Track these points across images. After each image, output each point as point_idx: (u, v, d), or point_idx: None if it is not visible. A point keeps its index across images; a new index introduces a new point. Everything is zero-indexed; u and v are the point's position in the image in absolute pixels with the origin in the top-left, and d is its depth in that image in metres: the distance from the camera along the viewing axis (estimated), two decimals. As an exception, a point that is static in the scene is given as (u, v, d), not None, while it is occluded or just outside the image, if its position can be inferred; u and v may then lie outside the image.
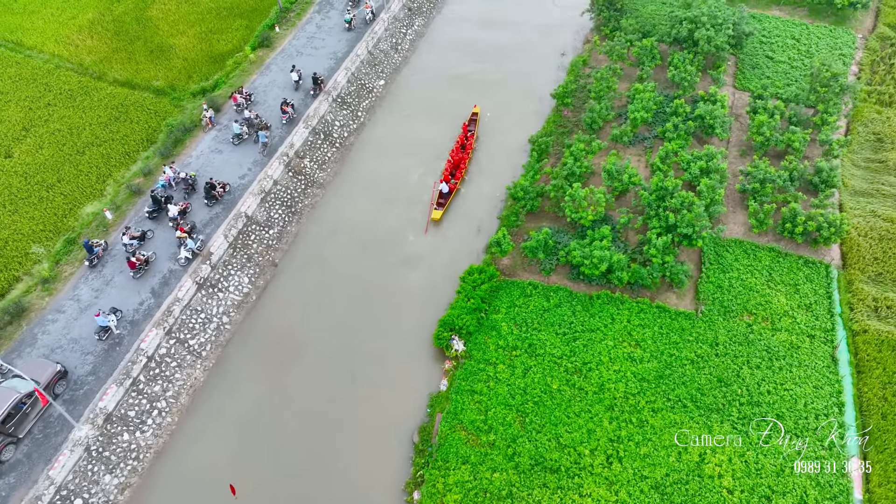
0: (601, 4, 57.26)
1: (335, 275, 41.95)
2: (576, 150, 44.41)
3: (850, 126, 49.47)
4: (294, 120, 48.82)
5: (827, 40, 56.25)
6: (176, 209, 41.52)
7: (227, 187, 44.04)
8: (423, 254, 42.88)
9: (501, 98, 53.85)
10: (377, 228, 44.46)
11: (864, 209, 43.52)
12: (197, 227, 41.60)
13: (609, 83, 49.46)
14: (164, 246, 40.60)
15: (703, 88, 51.43)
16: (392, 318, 39.57)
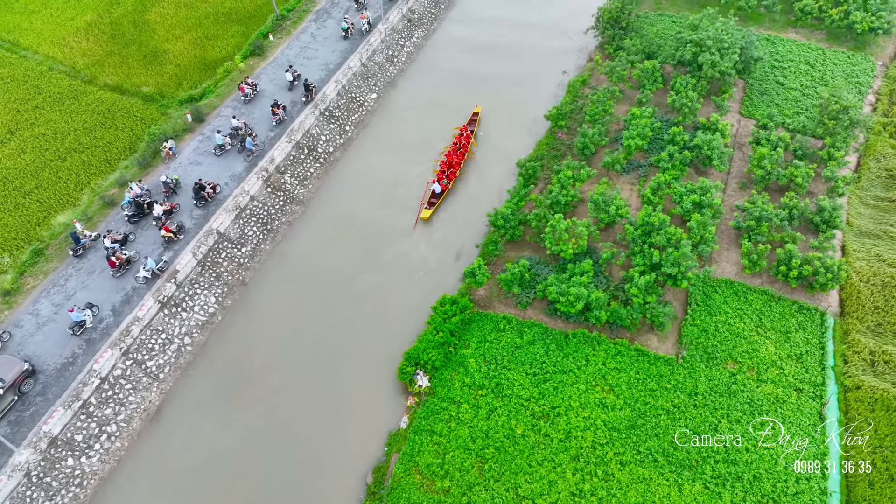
0: (606, 22, 55.10)
1: (306, 297, 40.63)
2: (563, 178, 42.46)
3: (860, 161, 46.70)
4: (285, 122, 48.32)
5: (844, 67, 53.35)
6: (161, 209, 41.23)
7: (218, 188, 43.41)
8: (398, 280, 41.32)
9: (497, 116, 52.05)
10: (354, 251, 43.03)
11: (868, 252, 40.85)
12: (185, 228, 41.36)
13: (605, 106, 47.39)
14: (148, 246, 40.60)
15: (707, 114, 49.04)
16: (359, 347, 38.09)
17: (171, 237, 40.46)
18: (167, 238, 40.45)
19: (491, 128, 51.12)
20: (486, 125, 51.19)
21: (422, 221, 44.64)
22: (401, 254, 42.74)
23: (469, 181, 47.52)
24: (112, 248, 39.46)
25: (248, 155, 45.91)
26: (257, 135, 46.74)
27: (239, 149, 46.51)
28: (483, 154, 49.39)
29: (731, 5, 59.03)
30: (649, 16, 59.59)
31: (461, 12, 63.39)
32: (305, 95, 50.06)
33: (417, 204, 45.39)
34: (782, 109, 49.86)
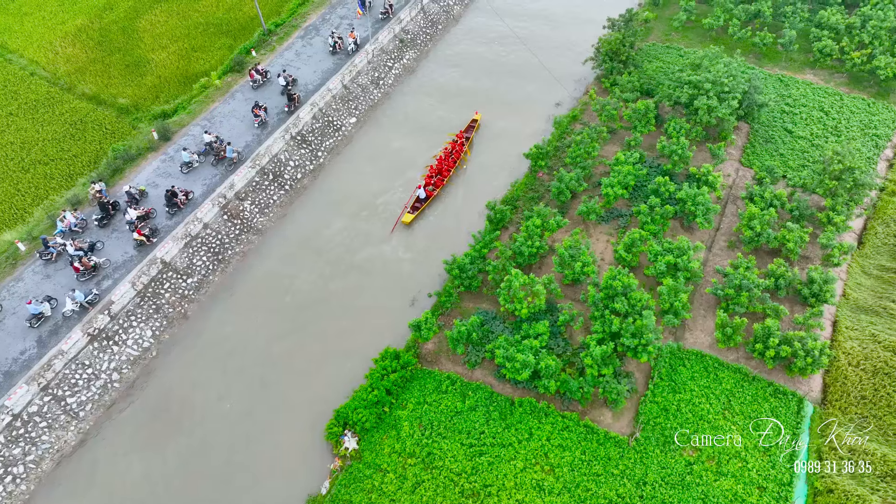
0: (605, 54, 51.74)
1: (249, 335, 38.53)
2: (530, 226, 39.44)
3: (867, 224, 42.49)
4: (266, 123, 47.76)
5: (862, 116, 48.96)
6: (135, 213, 40.64)
7: (191, 195, 42.58)
8: (349, 325, 38.88)
9: (480, 150, 49.24)
10: (308, 288, 40.78)
11: (863, 330, 36.82)
12: (158, 231, 40.74)
13: (589, 148, 44.16)
14: (117, 246, 40.51)
15: (703, 161, 45.37)
16: (294, 397, 35.77)
17: (143, 241, 39.97)
18: (139, 242, 40.05)
19: (477, 157, 48.34)
20: (469, 159, 48.46)
21: (402, 226, 44.08)
22: (356, 296, 40.32)
23: (455, 196, 45.83)
24: (76, 255, 38.82)
25: (229, 164, 45.09)
26: (235, 150, 45.53)
27: (214, 162, 45.27)
28: (470, 180, 46.97)
29: (745, 41, 55.03)
30: (656, 48, 55.97)
31: (461, 32, 60.70)
32: (288, 105, 48.93)
33: (383, 240, 42.95)
34: (786, 161, 45.88)
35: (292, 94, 49.31)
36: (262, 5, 60.55)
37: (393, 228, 43.99)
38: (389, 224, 44.13)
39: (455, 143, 48.39)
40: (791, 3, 56.54)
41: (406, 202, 45.09)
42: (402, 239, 43.33)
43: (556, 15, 62.17)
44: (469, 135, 49.72)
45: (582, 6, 62.84)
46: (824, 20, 54.03)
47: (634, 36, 51.79)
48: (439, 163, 46.94)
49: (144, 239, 40.13)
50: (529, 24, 61.08)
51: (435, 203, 45.53)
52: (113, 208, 42.00)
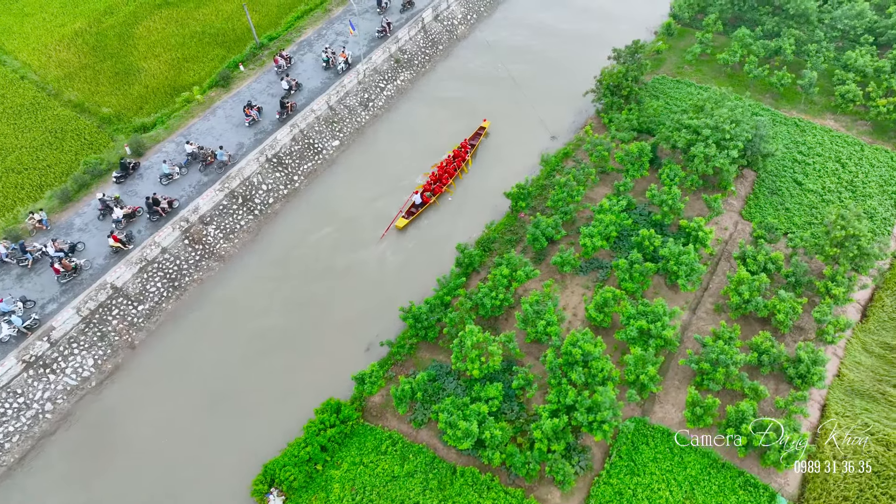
0: (605, 87, 48.61)
1: (195, 371, 36.82)
2: (497, 276, 36.76)
3: (874, 294, 38.60)
4: (256, 123, 47.60)
5: (882, 170, 44.82)
6: (121, 212, 40.49)
7: (175, 203, 42.07)
8: (300, 367, 36.84)
9: (466, 185, 46.70)
10: (263, 321, 38.90)
11: (855, 418, 33.14)
12: (133, 237, 40.46)
13: (572, 192, 41.19)
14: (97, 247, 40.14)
15: (699, 211, 42.01)
16: (228, 442, 33.89)
17: (119, 247, 39.35)
18: (115, 248, 39.39)
19: (454, 196, 45.91)
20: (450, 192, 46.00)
21: (395, 230, 43.49)
22: (313, 334, 38.25)
23: (450, 206, 44.75)
24: (57, 256, 38.51)
25: (219, 166, 44.56)
26: (222, 156, 44.81)
27: (201, 168, 44.74)
28: (468, 190, 46.14)
29: (762, 80, 51.19)
30: (665, 81, 52.51)
31: (464, 52, 58.11)
32: (280, 112, 47.95)
33: (357, 276, 40.81)
34: (791, 216, 42.17)
35: (285, 102, 48.14)
36: (261, 16, 59.10)
37: (384, 233, 43.29)
38: (359, 256, 41.99)
39: (458, 150, 47.50)
40: (816, 42, 52.42)
41: (401, 206, 44.49)
42: (375, 266, 41.26)
43: (568, 33, 59.11)
44: (475, 142, 48.90)
45: (599, 23, 59.58)
46: (851, 62, 49.86)
47: (639, 70, 48.49)
48: (441, 168, 45.93)
49: (121, 245, 39.49)
50: (542, 41, 58.30)
51: (430, 211, 44.45)
52: (133, 169, 44.48)
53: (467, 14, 60.08)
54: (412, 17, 56.82)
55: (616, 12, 61.54)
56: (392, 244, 42.78)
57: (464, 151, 47.92)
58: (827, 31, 53.08)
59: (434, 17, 57.54)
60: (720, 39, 56.39)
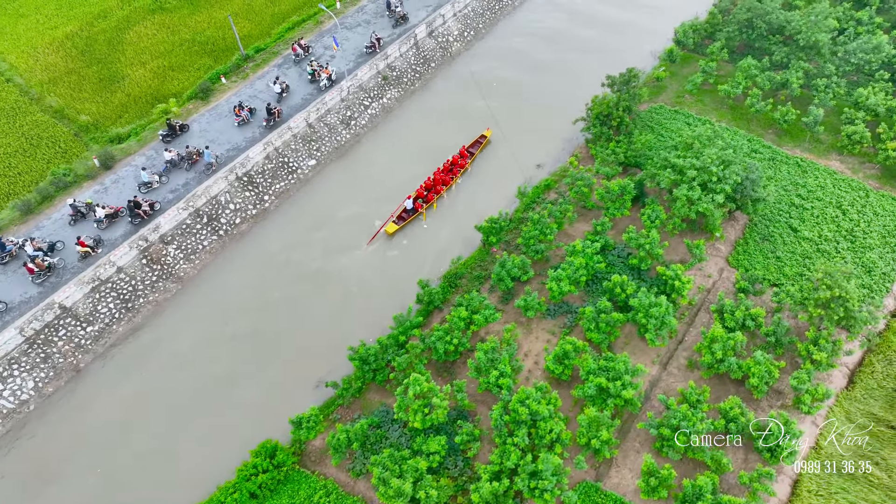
0: (595, 117, 46.20)
1: (140, 398, 35.53)
2: (454, 318, 34.75)
3: (864, 358, 35.67)
4: (246, 123, 47.31)
5: (886, 219, 41.67)
6: (103, 212, 40.45)
7: (157, 206, 41.64)
8: (245, 399, 35.34)
9: (441, 215, 44.77)
10: (215, 350, 37.47)
11: (829, 498, 30.47)
12: (103, 241, 40.03)
13: (546, 229, 38.95)
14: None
15: (686, 254, 39.47)
16: (162, 480, 32.46)
17: (87, 252, 38.86)
18: (83, 253, 38.88)
19: (427, 229, 44.03)
20: (424, 226, 44.11)
21: (384, 235, 42.95)
22: (264, 366, 36.72)
23: (441, 218, 43.47)
24: (34, 255, 38.13)
25: (207, 167, 44.11)
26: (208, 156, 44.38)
27: (186, 167, 44.50)
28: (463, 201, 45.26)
29: (765, 116, 48.29)
30: (662, 111, 49.85)
31: (456, 72, 56.12)
32: (268, 119, 47.27)
33: (318, 310, 39.16)
34: (782, 266, 39.36)
35: (271, 108, 47.21)
36: (253, 25, 57.93)
37: (372, 239, 42.73)
38: (328, 284, 40.34)
39: (456, 157, 46.76)
40: (826, 76, 49.29)
41: (393, 211, 43.83)
42: (340, 293, 39.65)
43: (572, 52, 56.73)
44: (474, 150, 48.03)
45: (601, 48, 57.12)
46: (862, 99, 46.66)
47: (632, 99, 45.98)
48: (436, 174, 45.30)
49: (89, 250, 39.03)
50: (540, 62, 55.99)
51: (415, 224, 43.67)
52: (181, 130, 46.50)
53: (464, 31, 58.11)
54: (405, 33, 55.03)
55: (619, 35, 58.89)
56: (363, 264, 41.12)
57: (462, 160, 46.98)
58: (840, 65, 49.88)
59: (428, 33, 55.70)
60: (726, 68, 53.51)
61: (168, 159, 44.15)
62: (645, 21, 59.94)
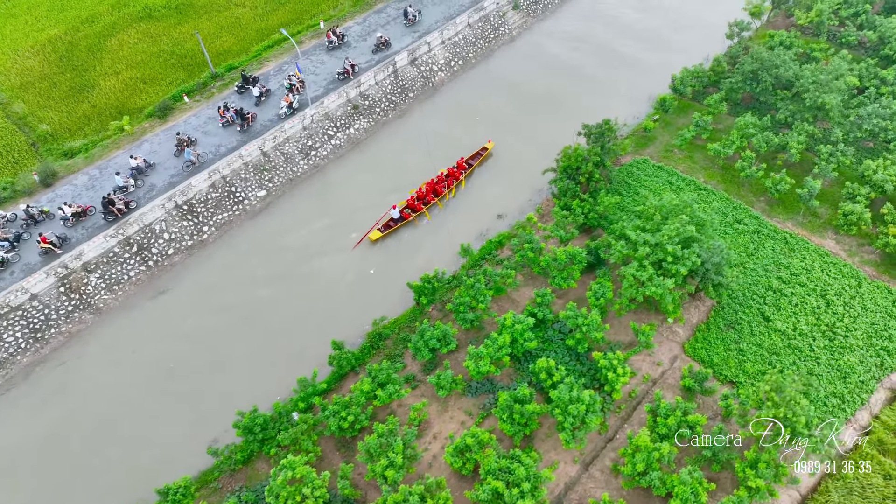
0: (564, 168, 42.37)
1: (25, 439, 33.75)
2: (356, 391, 31.72)
3: (820, 484, 30.97)
4: (231, 124, 46.90)
5: (876, 316, 36.61)
6: (70, 210, 40.29)
7: (132, 204, 41.43)
8: (137, 452, 33.13)
9: (389, 258, 41.90)
10: (119, 391, 35.42)
11: None
12: (68, 239, 39.88)
13: (479, 295, 35.47)
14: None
15: (628, 341, 35.45)
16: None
17: (49, 249, 38.71)
18: (45, 250, 38.74)
19: (370, 274, 41.18)
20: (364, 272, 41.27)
21: (367, 243, 42.25)
22: (161, 414, 34.50)
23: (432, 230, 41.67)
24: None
25: (187, 165, 43.93)
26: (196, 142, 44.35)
27: (175, 153, 45.08)
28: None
29: (758, 183, 43.56)
30: (645, 166, 45.61)
31: (437, 104, 52.96)
32: (241, 124, 46.64)
33: (240, 353, 36.80)
34: (743, 360, 34.92)
35: (244, 113, 46.89)
36: (236, 40, 56.18)
37: (357, 244, 42.01)
38: (256, 325, 37.89)
39: (453, 169, 45.89)
40: (831, 143, 44.15)
41: (379, 219, 43.10)
42: (261, 341, 37.17)
43: (565, 88, 52.96)
44: (473, 162, 47.02)
45: (596, 91, 53.29)
46: (869, 173, 41.46)
47: (604, 154, 41.98)
48: (429, 185, 44.39)
49: (51, 246, 38.75)
50: (536, 90, 52.73)
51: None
52: (252, 83, 49.08)
53: (452, 60, 54.91)
54: (385, 59, 52.24)
55: (623, 72, 54.66)
56: (300, 300, 38.50)
57: (458, 171, 45.71)
58: (850, 130, 44.60)
59: (410, 60, 52.75)
60: (727, 121, 48.73)
61: (133, 166, 43.50)
62: (655, 60, 55.35)
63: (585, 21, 60.66)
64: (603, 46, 57.64)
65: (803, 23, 51.72)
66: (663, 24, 59.73)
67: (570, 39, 58.41)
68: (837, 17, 53.75)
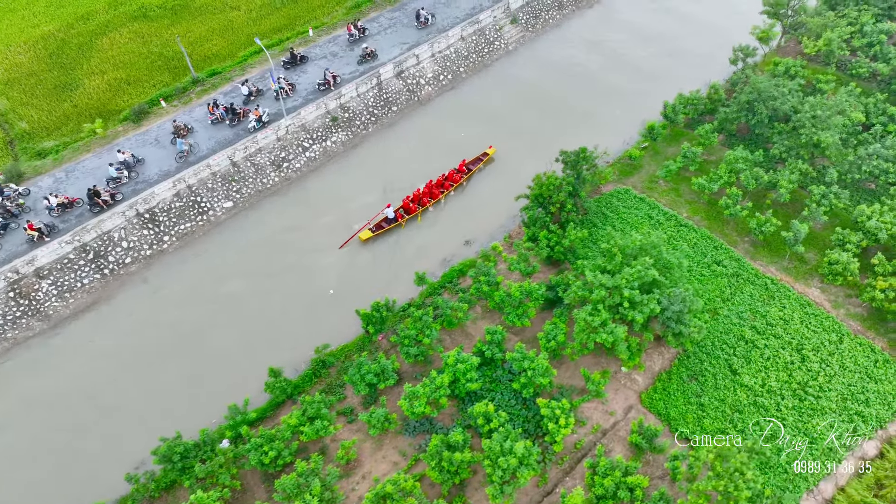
0: (535, 196, 40.43)
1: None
2: (283, 427, 30.38)
3: (771, 560, 28.55)
4: (220, 121, 46.97)
5: (854, 377, 34.03)
6: (55, 200, 40.68)
7: (119, 196, 41.63)
8: (57, 477, 32.34)
9: (352, 278, 40.59)
10: (57, 405, 34.67)
11: None
12: (57, 228, 40.49)
13: (426, 328, 33.83)
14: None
15: (582, 386, 33.47)
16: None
17: (36, 235, 39.11)
18: (31, 236, 39.16)
19: (333, 296, 39.87)
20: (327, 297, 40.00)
21: (357, 242, 41.86)
22: (91, 431, 33.71)
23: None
24: None
25: (178, 156, 44.23)
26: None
27: (172, 140, 45.62)
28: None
29: (741, 220, 41.05)
30: (627, 197, 43.40)
31: (422, 116, 51.37)
32: (231, 119, 46.77)
33: (192, 367, 35.93)
34: (702, 416, 32.69)
35: (235, 108, 46.92)
36: (228, 43, 55.47)
37: (345, 244, 41.71)
38: (209, 347, 36.89)
39: (453, 171, 45.30)
40: (825, 184, 41.37)
41: (372, 218, 42.71)
42: (210, 359, 36.12)
43: (556, 110, 50.92)
44: (473, 167, 46.41)
45: (605, 101, 51.54)
46: (862, 218, 38.65)
47: (578, 183, 39.95)
48: (427, 187, 43.92)
49: (37, 234, 39.14)
50: (527, 110, 50.96)
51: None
52: (301, 61, 51.50)
53: (441, 74, 53.29)
54: (370, 71, 50.90)
55: (612, 100, 52.38)
56: (260, 317, 37.35)
57: (458, 175, 45.21)
58: (849, 170, 41.71)
59: (396, 73, 51.31)
60: (721, 152, 46.15)
61: (121, 160, 43.61)
62: (656, 83, 52.68)
63: (586, 38, 58.43)
64: (601, 66, 55.40)
65: (810, 51, 48.75)
66: (668, 45, 57.18)
67: (569, 57, 56.25)
68: (850, 47, 50.61)
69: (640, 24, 59.66)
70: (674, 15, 60.62)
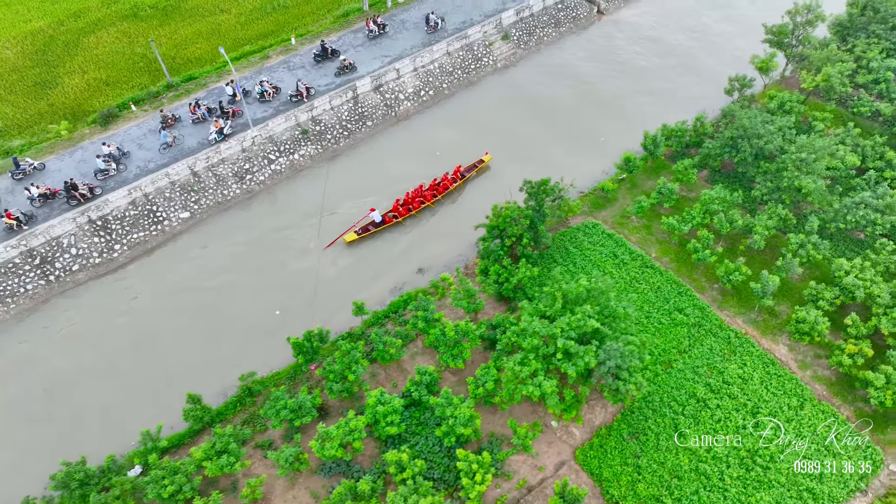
0: (491, 227, 38.52)
1: None
2: (188, 461, 29.20)
3: None
4: (202, 121, 46.71)
5: (812, 449, 31.26)
6: (37, 191, 40.95)
7: (97, 190, 41.66)
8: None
9: (302, 300, 39.32)
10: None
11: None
12: (35, 217, 40.62)
13: (351, 365, 32.30)
14: None
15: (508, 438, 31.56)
16: None
17: (13, 225, 39.34)
18: (9, 225, 39.43)
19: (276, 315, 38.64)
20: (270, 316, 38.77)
21: (341, 244, 41.55)
22: (39, 449, 33.09)
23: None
24: None
25: (163, 147, 44.60)
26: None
27: (162, 128, 45.79)
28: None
29: (709, 265, 38.53)
30: (595, 232, 41.21)
31: (398, 132, 49.79)
32: (219, 117, 46.46)
33: (119, 383, 35.17)
34: (636, 482, 30.51)
35: (225, 108, 46.65)
36: (209, 48, 54.72)
37: (329, 245, 41.46)
38: (145, 362, 36.05)
39: (445, 176, 44.62)
40: (805, 233, 38.56)
41: (357, 221, 42.35)
42: (153, 379, 35.17)
43: (543, 130, 48.93)
44: (467, 174, 45.64)
45: (599, 122, 49.68)
46: (840, 273, 35.83)
47: (537, 216, 37.95)
48: (416, 193, 43.42)
49: (14, 223, 39.38)
50: (513, 127, 49.37)
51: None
52: (333, 55, 51.29)
53: (422, 89, 51.66)
54: (346, 84, 49.59)
55: (599, 127, 50.06)
56: (204, 331, 36.35)
57: (450, 181, 44.58)
58: (833, 218, 38.82)
59: (374, 87, 49.89)
60: (702, 188, 43.56)
61: (107, 153, 43.51)
62: (650, 109, 50.26)
63: (580, 59, 56.16)
64: (593, 88, 53.18)
65: (808, 86, 45.71)
66: (668, 72, 54.60)
67: (559, 78, 54.09)
68: (853, 83, 47.42)
69: (639, 48, 57.16)
70: (679, 41, 57.98)
